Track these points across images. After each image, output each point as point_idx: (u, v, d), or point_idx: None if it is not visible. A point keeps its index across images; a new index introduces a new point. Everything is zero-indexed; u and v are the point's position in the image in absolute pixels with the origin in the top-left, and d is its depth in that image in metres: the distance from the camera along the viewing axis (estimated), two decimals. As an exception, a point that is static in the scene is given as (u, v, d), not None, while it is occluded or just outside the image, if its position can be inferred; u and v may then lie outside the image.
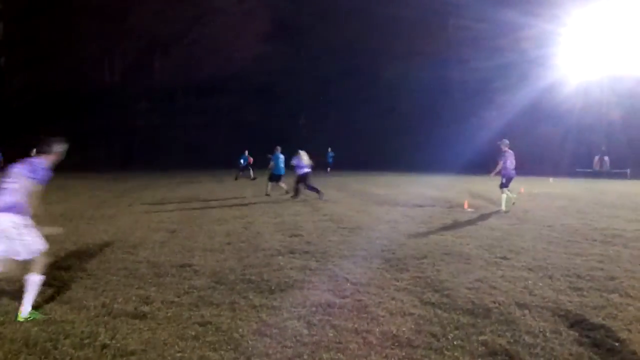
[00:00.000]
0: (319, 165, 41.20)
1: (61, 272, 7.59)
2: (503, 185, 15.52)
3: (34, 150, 20.39)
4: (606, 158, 39.43)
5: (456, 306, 5.97)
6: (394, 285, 6.89)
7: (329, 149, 40.88)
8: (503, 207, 15.19)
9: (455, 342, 4.91)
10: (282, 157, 20.41)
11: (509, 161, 15.52)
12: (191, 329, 5.26)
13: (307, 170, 18.93)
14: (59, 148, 6.35)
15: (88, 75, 51.37)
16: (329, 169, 39.61)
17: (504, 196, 15.41)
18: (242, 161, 30.64)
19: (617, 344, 4.89)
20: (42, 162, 6.15)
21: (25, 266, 5.89)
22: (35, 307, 5.79)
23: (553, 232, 11.20)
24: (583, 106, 41.76)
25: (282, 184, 20.47)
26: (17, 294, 5.98)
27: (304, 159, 18.97)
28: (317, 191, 18.72)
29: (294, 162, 19.18)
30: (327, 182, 29.23)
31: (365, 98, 53.72)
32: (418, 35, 49.50)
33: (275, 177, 20.47)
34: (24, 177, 5.89)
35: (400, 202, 17.77)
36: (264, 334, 5.12)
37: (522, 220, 13.27)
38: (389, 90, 52.25)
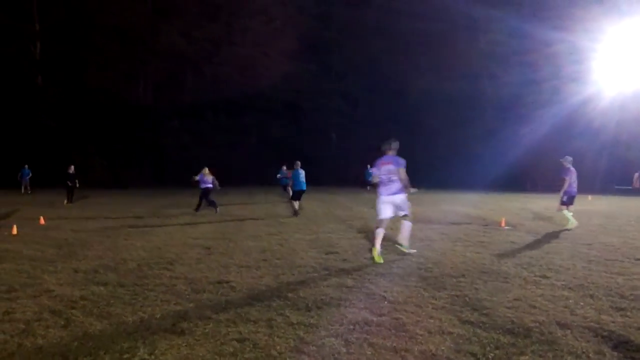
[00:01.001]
0: (356, 183, 41.11)
1: (99, 287, 7.67)
2: (563, 203, 15.24)
3: (72, 167, 20.95)
4: (646, 175, 38.72)
5: (496, 325, 5.86)
6: (432, 303, 6.80)
7: (368, 167, 39.90)
8: (569, 225, 14.93)
9: (496, 362, 4.83)
10: (302, 172, 19.81)
11: (573, 179, 15.28)
12: (229, 345, 5.24)
13: (209, 185, 20.97)
14: (397, 145, 10.19)
15: (120, 95, 52.34)
16: (368, 187, 38.93)
17: (567, 213, 15.14)
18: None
19: (663, 366, 4.77)
20: (396, 156, 10.09)
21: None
22: (76, 321, 5.85)
23: (592, 251, 11.00)
24: (619, 122, 41.17)
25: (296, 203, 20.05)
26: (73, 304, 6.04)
27: (207, 175, 21.10)
28: (215, 205, 20.71)
29: (198, 177, 21.24)
30: (361, 199, 29.17)
31: (393, 114, 53.59)
32: (447, 50, 49.48)
33: (297, 194, 19.93)
34: (398, 170, 9.89)
35: (434, 220, 17.63)
36: (301, 351, 5.09)
37: (561, 238, 13.06)
38: (418, 106, 52.02)
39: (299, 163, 19.89)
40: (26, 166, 36.07)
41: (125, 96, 53.13)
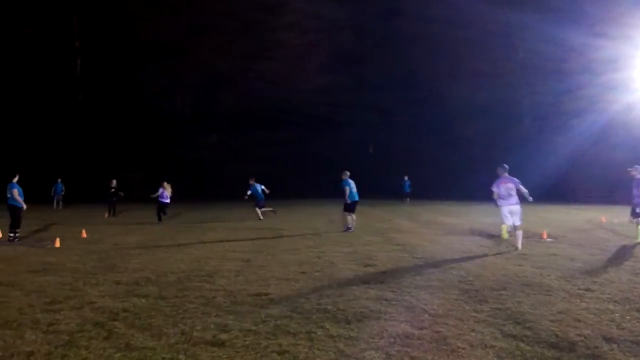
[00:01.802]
0: (394, 195, 40.79)
1: (141, 299, 7.77)
2: (637, 215, 14.78)
3: (114, 181, 21.53)
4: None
5: (539, 339, 5.76)
6: (473, 316, 6.71)
7: (405, 178, 39.52)
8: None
9: (540, 376, 4.74)
10: (352, 182, 18.43)
11: None
12: (269, 357, 5.26)
13: (167, 200, 23.67)
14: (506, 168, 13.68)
15: (158, 110, 53.08)
16: (407, 199, 38.51)
17: None
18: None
19: None
20: (511, 176, 13.53)
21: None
22: (118, 332, 5.92)
23: (638, 263, 10.71)
24: (661, 131, 40.18)
25: (353, 216, 18.54)
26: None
27: (167, 190, 23.65)
28: (163, 216, 23.53)
29: (159, 192, 23.63)
30: (397, 211, 28.99)
31: (429, 125, 53.11)
32: (483, 59, 48.80)
33: (351, 206, 18.41)
34: (516, 186, 13.31)
35: (474, 232, 17.43)
36: (342, 364, 5.07)
37: (604, 250, 12.74)
38: (454, 116, 51.38)
39: (347, 173, 18.58)
40: (59, 180, 35.54)
41: (164, 111, 53.90)
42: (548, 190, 38.93)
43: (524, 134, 47.46)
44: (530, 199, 13.39)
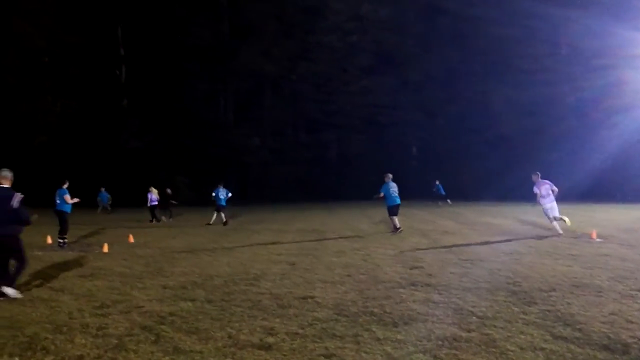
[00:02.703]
0: (436, 195, 40.47)
1: (187, 303, 7.84)
2: None
3: (168, 190, 22.19)
4: None
5: (590, 341, 5.62)
6: (522, 318, 6.58)
7: (437, 182, 38.75)
8: None
9: (593, 380, 4.63)
10: (393, 185, 18.18)
11: None
12: (316, 361, 5.24)
13: (155, 203, 26.28)
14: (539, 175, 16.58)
15: (202, 114, 53.73)
16: (448, 201, 37.82)
17: None
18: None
19: None
20: (546, 179, 16.39)
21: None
22: (166, 336, 6.00)
23: (692, 263, 10.41)
24: None
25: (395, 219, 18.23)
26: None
27: (154, 193, 26.31)
28: (157, 220, 25.90)
29: (148, 196, 26.24)
30: (441, 212, 28.74)
31: (472, 124, 52.48)
32: (525, 56, 48.14)
33: (393, 210, 18.22)
34: (551, 186, 16.31)
35: (520, 233, 17.17)
36: (390, 367, 5.03)
37: (656, 250, 12.43)
38: (496, 115, 50.68)
39: (390, 175, 18.32)
40: (103, 189, 35.63)
41: (207, 116, 54.53)
42: (593, 188, 38.14)
43: (567, 131, 46.43)
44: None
